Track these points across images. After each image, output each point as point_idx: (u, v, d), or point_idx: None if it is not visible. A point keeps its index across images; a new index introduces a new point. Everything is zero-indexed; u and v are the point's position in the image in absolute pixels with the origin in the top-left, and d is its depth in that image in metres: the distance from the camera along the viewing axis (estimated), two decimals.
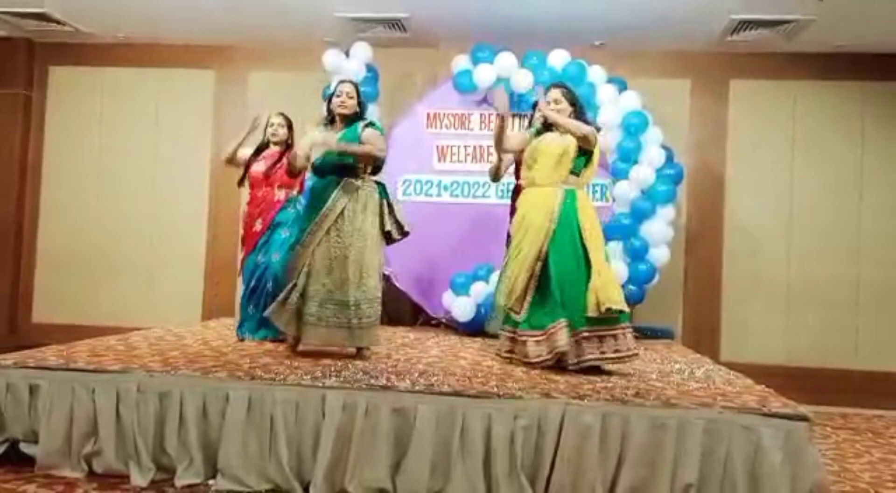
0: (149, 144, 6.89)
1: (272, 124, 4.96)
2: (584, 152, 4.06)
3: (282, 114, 5.03)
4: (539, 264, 3.95)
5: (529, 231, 4.00)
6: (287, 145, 4.85)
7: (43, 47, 6.94)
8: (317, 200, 4.09)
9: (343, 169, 4.07)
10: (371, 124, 4.18)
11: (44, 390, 3.28)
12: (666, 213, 5.59)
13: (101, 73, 6.95)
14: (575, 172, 4.07)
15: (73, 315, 6.72)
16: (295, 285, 3.95)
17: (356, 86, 4.30)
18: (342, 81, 4.33)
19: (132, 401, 3.22)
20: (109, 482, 3.13)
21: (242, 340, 4.63)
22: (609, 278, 3.95)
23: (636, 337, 5.39)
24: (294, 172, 4.48)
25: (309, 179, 4.58)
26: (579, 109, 4.15)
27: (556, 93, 4.18)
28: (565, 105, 4.12)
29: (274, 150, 4.93)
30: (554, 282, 3.89)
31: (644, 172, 5.53)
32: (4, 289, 6.79)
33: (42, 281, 6.91)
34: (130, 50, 6.87)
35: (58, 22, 6.29)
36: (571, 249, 3.94)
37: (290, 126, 5.00)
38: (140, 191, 6.86)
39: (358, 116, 4.22)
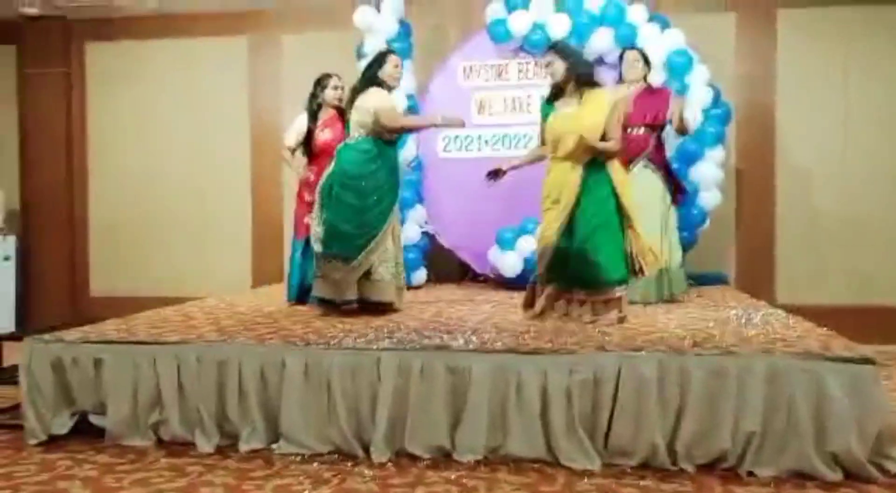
0: (188, 115, 6.93)
1: (336, 87, 4.81)
2: None
3: (338, 75, 4.92)
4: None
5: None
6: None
7: (78, 24, 6.98)
8: (396, 169, 4.31)
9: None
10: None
11: (107, 363, 3.36)
12: (715, 154, 5.41)
13: (137, 46, 6.98)
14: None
15: (128, 287, 6.91)
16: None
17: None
18: (390, 53, 4.34)
19: (192, 370, 3.29)
20: (177, 450, 3.22)
21: (295, 304, 4.68)
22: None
23: (689, 284, 5.34)
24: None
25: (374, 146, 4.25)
26: (572, 66, 3.84)
27: (548, 57, 3.94)
28: (558, 64, 3.86)
29: (330, 113, 4.79)
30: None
31: (691, 113, 5.33)
32: (62, 266, 6.99)
33: (96, 256, 7.10)
34: (163, 21, 6.87)
35: None
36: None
37: None
38: (182, 162, 6.94)
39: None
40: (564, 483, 2.82)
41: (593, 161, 3.85)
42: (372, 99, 4.11)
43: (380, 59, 4.23)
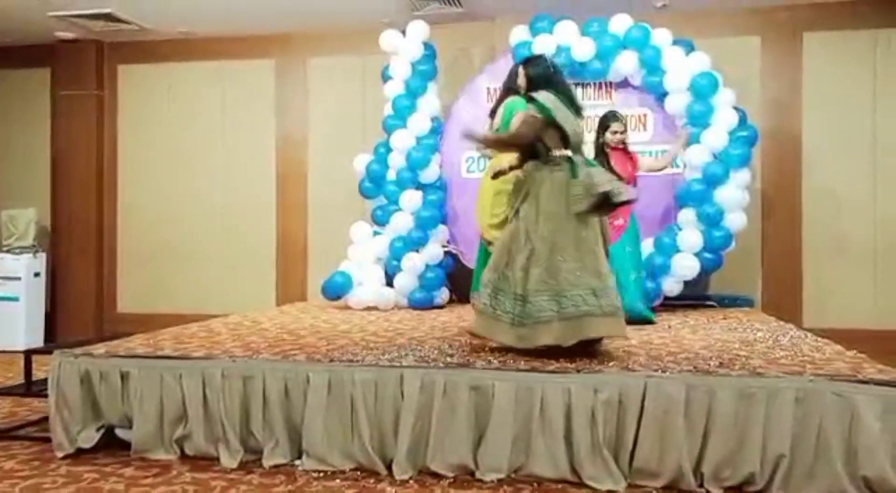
0: (216, 136, 7.06)
1: (616, 132, 4.92)
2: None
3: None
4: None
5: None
6: None
7: (111, 47, 7.17)
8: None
9: None
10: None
11: (134, 377, 3.39)
12: (740, 177, 5.38)
13: (167, 68, 7.14)
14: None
15: (154, 304, 7.00)
16: None
17: (523, 63, 4.01)
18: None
19: (217, 386, 3.31)
20: (201, 464, 3.23)
21: None
22: None
23: (712, 306, 5.30)
24: None
25: None
26: (534, 80, 3.79)
27: (519, 68, 3.98)
28: (522, 79, 3.90)
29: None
30: None
31: (716, 136, 5.33)
32: (91, 282, 7.10)
33: (124, 273, 7.21)
34: (192, 45, 7.02)
35: (123, 21, 6.48)
36: None
37: None
38: (210, 182, 7.05)
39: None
40: None
41: None
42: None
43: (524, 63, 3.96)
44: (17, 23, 6.50)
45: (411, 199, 5.76)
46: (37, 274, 6.83)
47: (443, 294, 5.83)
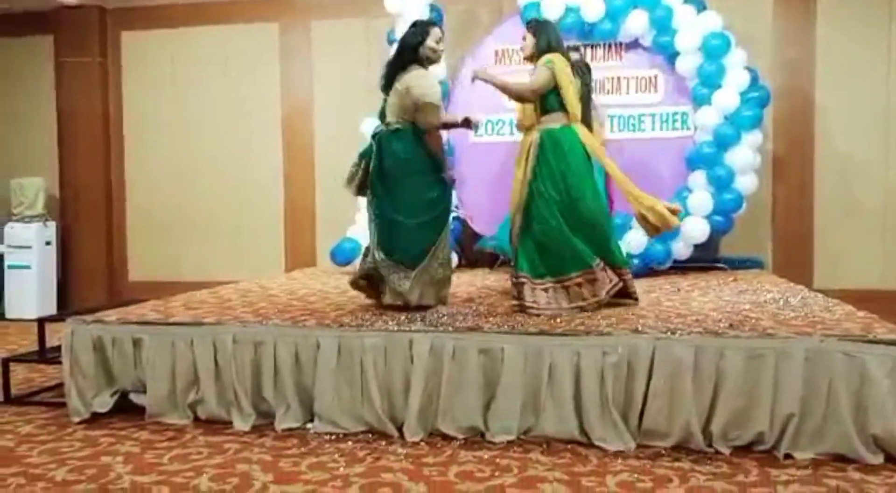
0: (221, 101, 7.01)
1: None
2: (554, 88, 3.78)
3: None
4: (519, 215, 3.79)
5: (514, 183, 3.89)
6: None
7: (113, 13, 7.09)
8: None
9: None
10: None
11: (146, 343, 3.43)
12: (752, 138, 5.31)
13: (170, 34, 7.06)
14: (549, 109, 3.80)
15: (164, 271, 7.03)
16: None
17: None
18: (432, 25, 3.90)
19: (228, 351, 3.34)
20: (214, 428, 3.28)
21: None
22: None
23: (722, 269, 5.29)
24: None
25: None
26: (542, 44, 3.85)
27: (524, 32, 4.00)
28: (530, 40, 3.91)
29: None
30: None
31: (727, 97, 5.25)
32: (101, 251, 7.13)
33: (133, 241, 7.23)
34: (196, 9, 6.94)
35: None
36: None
37: None
38: (216, 148, 7.02)
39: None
40: (598, 464, 2.81)
41: None
42: (415, 83, 3.65)
43: (421, 32, 3.76)
44: None
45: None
46: (48, 243, 6.86)
47: (452, 259, 5.81)
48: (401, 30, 5.76)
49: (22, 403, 3.72)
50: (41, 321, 4.06)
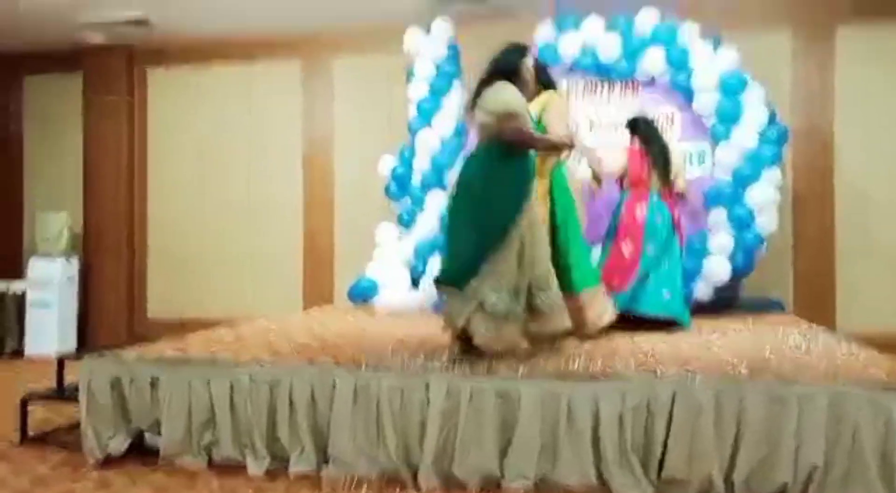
0: (243, 137, 7.11)
1: None
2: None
3: None
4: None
5: None
6: None
7: (141, 52, 7.25)
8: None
9: None
10: None
11: (163, 382, 3.43)
12: (771, 177, 5.28)
13: (195, 71, 7.21)
14: None
15: (184, 310, 7.06)
16: None
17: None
18: (528, 48, 3.87)
19: (245, 391, 3.33)
20: (228, 471, 3.25)
21: None
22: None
23: (745, 311, 5.23)
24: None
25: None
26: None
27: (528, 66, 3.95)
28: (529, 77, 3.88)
29: None
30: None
31: (746, 135, 5.24)
32: (122, 287, 7.20)
33: (154, 278, 7.29)
34: (220, 48, 7.08)
35: (153, 26, 6.54)
36: None
37: None
38: (237, 184, 7.10)
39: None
40: None
41: None
42: (498, 94, 3.46)
43: (523, 52, 3.64)
44: (51, 29, 6.61)
45: (437, 201, 5.75)
46: (70, 279, 6.92)
47: None
48: (420, 67, 5.86)
49: (39, 443, 3.72)
50: (60, 359, 4.08)
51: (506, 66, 3.55)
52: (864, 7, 5.88)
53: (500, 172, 3.43)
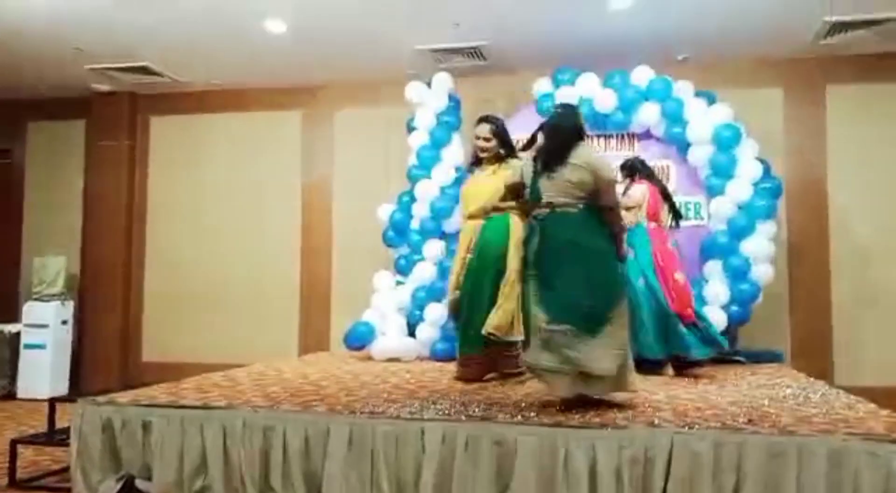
0: (242, 185, 7.17)
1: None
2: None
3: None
4: None
5: None
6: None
7: (144, 99, 7.37)
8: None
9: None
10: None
11: (156, 426, 3.39)
12: (766, 228, 5.34)
13: (197, 119, 7.31)
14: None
15: (179, 353, 7.01)
16: None
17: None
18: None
19: (238, 436, 3.29)
20: None
21: None
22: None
23: (740, 362, 5.22)
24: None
25: None
26: (506, 143, 4.33)
27: (483, 129, 4.33)
28: (494, 142, 4.30)
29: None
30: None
31: (740, 187, 5.32)
32: (116, 331, 7.16)
33: (149, 322, 7.26)
34: (222, 97, 7.20)
35: (156, 74, 6.68)
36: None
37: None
38: (235, 231, 7.14)
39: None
40: None
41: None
42: (600, 163, 3.48)
43: (576, 109, 3.69)
44: (56, 76, 6.74)
45: (434, 248, 5.78)
46: (64, 322, 6.90)
47: None
48: (420, 118, 5.96)
49: (27, 487, 3.65)
50: (52, 402, 4.04)
51: (576, 130, 3.54)
52: (851, 68, 6.06)
53: (603, 232, 3.49)
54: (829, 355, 5.90)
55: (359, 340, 5.64)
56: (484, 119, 4.41)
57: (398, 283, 5.86)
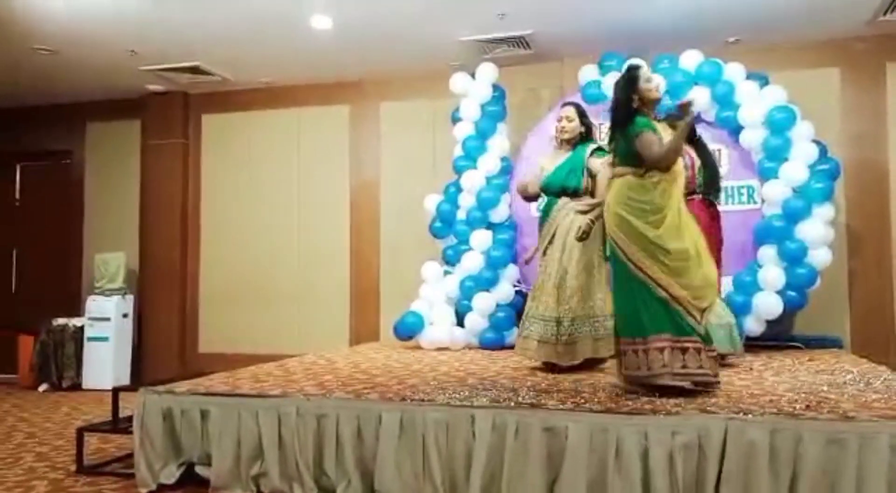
0: (292, 179, 7.29)
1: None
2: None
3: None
4: None
5: None
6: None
7: (196, 98, 7.54)
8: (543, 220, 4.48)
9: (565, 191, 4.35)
10: (599, 150, 4.30)
11: (213, 414, 3.49)
12: (823, 212, 5.19)
13: (247, 117, 7.45)
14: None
15: (233, 345, 7.18)
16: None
17: (577, 107, 4.47)
18: (563, 104, 4.58)
19: (292, 424, 3.36)
20: None
21: None
22: None
23: (798, 348, 5.09)
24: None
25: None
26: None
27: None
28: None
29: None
30: None
31: (796, 170, 5.17)
32: (174, 324, 7.38)
33: (205, 314, 7.44)
34: (272, 94, 7.32)
35: (208, 73, 6.82)
36: None
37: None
38: (287, 224, 7.26)
39: (583, 137, 4.41)
40: None
41: None
42: None
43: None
44: (112, 78, 6.94)
45: (482, 238, 5.79)
46: (125, 315, 7.14)
47: (514, 334, 5.77)
48: (465, 109, 5.97)
49: (93, 473, 3.80)
50: (115, 391, 4.19)
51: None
52: None
53: None
54: (891, 340, 5.70)
55: (408, 330, 5.69)
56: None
57: (446, 273, 5.90)
